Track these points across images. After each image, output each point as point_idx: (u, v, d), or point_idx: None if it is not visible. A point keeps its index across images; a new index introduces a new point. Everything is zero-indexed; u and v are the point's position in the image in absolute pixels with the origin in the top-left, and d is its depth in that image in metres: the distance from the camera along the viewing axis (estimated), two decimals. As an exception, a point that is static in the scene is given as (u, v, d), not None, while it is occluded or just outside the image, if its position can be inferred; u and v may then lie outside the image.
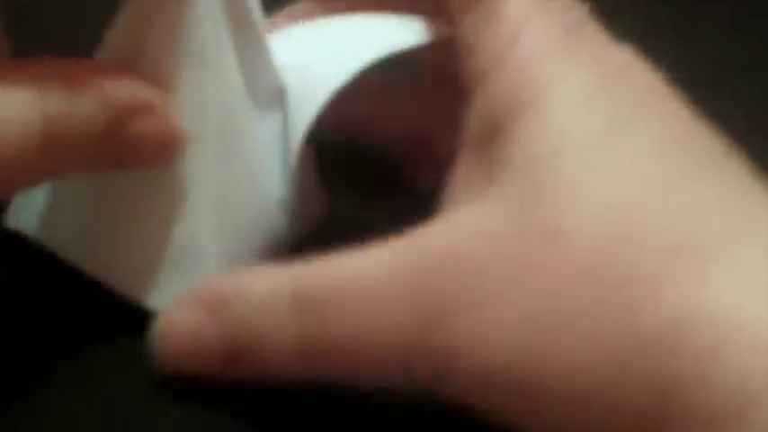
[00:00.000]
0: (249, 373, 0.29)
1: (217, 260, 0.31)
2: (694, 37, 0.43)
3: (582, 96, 0.28)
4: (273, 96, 0.32)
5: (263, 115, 0.32)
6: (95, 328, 0.32)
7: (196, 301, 0.30)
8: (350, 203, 0.35)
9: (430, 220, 0.28)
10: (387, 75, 0.33)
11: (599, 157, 0.27)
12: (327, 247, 0.29)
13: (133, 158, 0.30)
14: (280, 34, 0.33)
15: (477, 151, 0.29)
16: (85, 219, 0.31)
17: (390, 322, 0.27)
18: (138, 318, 0.31)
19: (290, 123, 0.32)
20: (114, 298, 0.31)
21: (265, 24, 0.32)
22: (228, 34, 0.30)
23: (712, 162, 0.28)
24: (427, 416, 0.29)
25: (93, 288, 0.32)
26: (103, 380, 0.31)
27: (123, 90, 0.29)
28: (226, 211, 0.31)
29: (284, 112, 0.32)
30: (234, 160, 0.31)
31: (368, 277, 0.27)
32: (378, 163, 0.37)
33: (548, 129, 0.28)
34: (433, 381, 0.27)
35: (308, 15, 0.35)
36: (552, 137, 0.28)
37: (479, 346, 0.26)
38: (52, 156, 0.28)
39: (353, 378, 0.28)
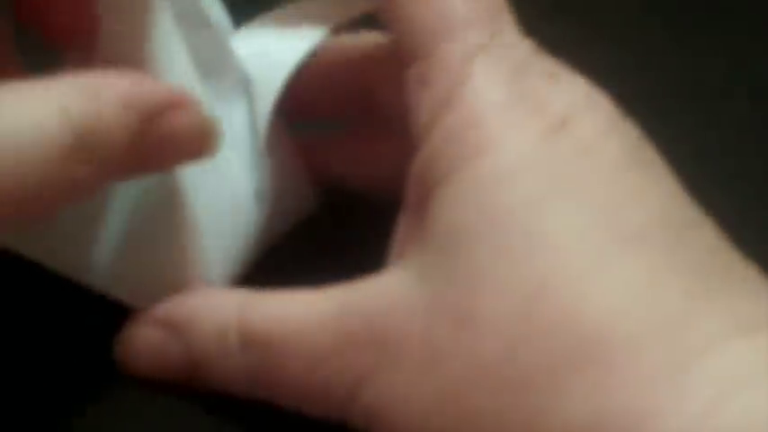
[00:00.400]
0: (209, 386, 0.30)
1: (191, 254, 0.31)
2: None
3: (514, 162, 0.27)
4: (238, 89, 0.32)
5: (229, 108, 0.32)
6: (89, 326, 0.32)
7: (158, 322, 0.31)
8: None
9: (377, 272, 0.29)
10: (359, 127, 0.34)
11: (518, 238, 0.26)
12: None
13: (169, 157, 0.29)
14: (241, 31, 0.33)
15: (413, 212, 0.29)
16: (67, 222, 0.31)
17: (325, 376, 0.28)
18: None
19: (257, 111, 0.32)
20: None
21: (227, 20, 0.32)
22: (179, 36, 0.30)
23: (642, 239, 0.27)
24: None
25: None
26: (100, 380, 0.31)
27: (148, 88, 0.28)
28: (196, 207, 0.31)
29: (251, 103, 0.32)
30: None
31: (309, 327, 0.29)
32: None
33: (470, 201, 0.27)
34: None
35: None
36: (473, 211, 0.27)
37: (390, 420, 0.27)
38: (81, 164, 0.26)
39: (297, 410, 0.29)
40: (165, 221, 0.31)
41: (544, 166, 0.27)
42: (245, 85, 0.32)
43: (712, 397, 0.24)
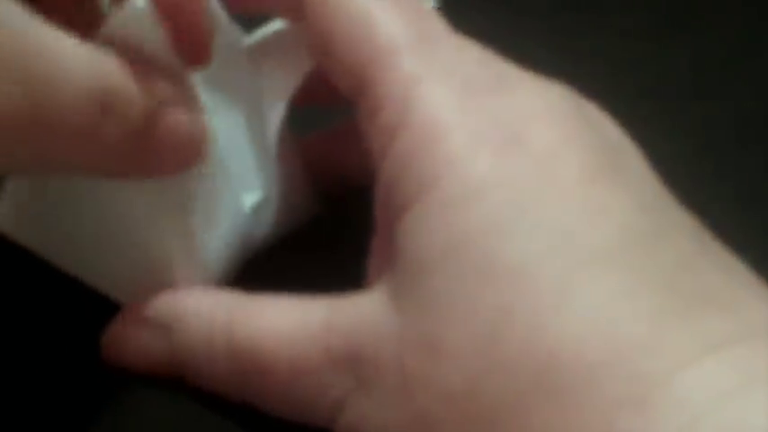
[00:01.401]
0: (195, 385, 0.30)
1: (183, 253, 0.31)
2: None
3: (467, 188, 0.27)
4: (247, 92, 0.32)
5: (235, 110, 0.32)
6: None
7: (145, 320, 0.30)
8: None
9: (357, 290, 0.29)
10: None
11: (484, 262, 0.26)
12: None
13: (162, 160, 0.29)
14: (253, 36, 0.33)
15: (383, 235, 0.29)
16: (63, 217, 0.31)
17: (308, 391, 0.28)
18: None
19: (266, 114, 0.32)
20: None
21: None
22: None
23: (606, 259, 0.25)
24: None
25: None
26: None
27: (164, 81, 0.28)
28: (192, 206, 0.31)
29: (260, 106, 0.32)
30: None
31: (295, 341, 0.28)
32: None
33: (431, 229, 0.27)
34: None
35: None
36: (433, 239, 0.27)
37: None
38: (104, 116, 0.27)
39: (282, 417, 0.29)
40: (158, 219, 0.30)
41: (501, 186, 0.26)
42: (253, 89, 0.32)
43: (681, 424, 0.23)
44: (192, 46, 0.29)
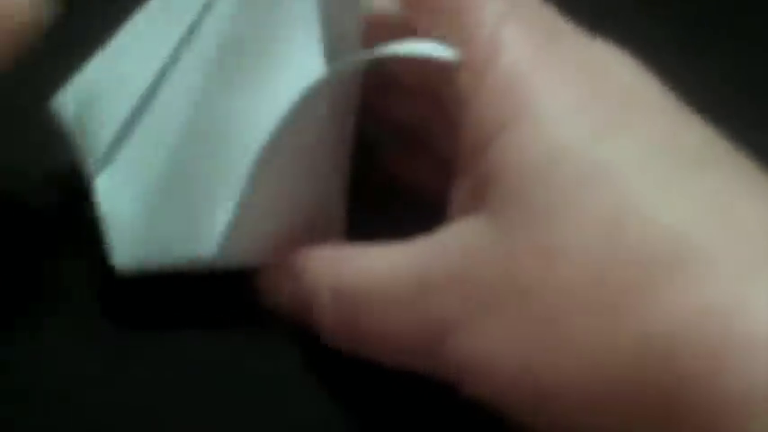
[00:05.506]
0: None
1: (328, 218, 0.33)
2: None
3: (566, 107, 0.29)
4: None
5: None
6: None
7: (284, 270, 0.33)
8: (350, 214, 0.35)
9: (438, 228, 0.30)
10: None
11: (587, 169, 0.28)
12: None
13: None
14: None
15: (472, 165, 0.30)
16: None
17: (410, 322, 0.30)
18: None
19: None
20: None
21: None
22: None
23: (702, 161, 0.28)
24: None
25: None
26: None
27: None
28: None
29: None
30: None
31: (393, 277, 0.30)
32: (377, 174, 0.37)
33: (533, 142, 0.28)
34: (452, 382, 0.29)
35: None
36: (538, 150, 0.28)
37: (484, 363, 0.28)
38: None
39: (385, 362, 0.31)
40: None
41: (594, 109, 0.29)
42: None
43: None
44: None
